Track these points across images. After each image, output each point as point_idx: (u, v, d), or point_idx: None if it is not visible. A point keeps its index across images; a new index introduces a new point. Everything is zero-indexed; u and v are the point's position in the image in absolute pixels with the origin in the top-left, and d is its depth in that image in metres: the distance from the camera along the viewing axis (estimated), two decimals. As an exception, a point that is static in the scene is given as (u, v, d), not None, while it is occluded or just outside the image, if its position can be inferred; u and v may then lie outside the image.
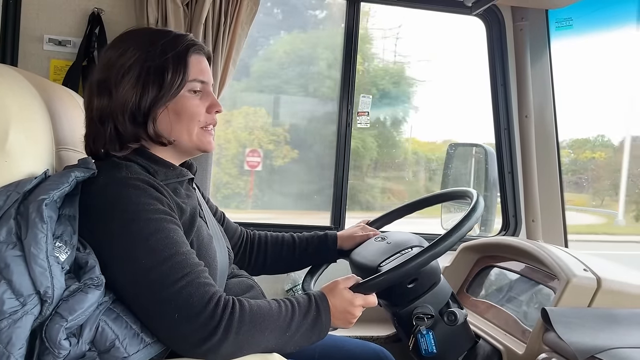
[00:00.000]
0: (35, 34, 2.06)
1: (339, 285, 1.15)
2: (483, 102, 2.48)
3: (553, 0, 2.21)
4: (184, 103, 1.14)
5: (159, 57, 1.11)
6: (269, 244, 1.56)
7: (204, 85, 1.18)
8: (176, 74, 1.12)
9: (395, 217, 1.68)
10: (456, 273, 1.98)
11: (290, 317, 1.05)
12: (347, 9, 2.36)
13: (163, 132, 1.14)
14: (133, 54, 1.11)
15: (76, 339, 0.91)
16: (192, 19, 2.02)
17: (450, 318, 1.35)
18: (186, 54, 1.14)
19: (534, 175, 2.40)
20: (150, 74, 1.10)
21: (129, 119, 1.11)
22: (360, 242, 1.53)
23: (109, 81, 1.11)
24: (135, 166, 1.10)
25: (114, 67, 1.11)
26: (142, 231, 0.99)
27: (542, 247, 1.66)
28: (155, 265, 0.97)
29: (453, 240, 1.22)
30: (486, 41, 2.47)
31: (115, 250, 0.99)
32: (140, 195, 1.02)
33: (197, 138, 1.18)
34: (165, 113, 1.13)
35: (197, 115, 1.16)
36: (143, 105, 1.10)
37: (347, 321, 1.14)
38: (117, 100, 1.10)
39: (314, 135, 2.73)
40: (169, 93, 1.11)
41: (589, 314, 1.37)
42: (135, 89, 1.10)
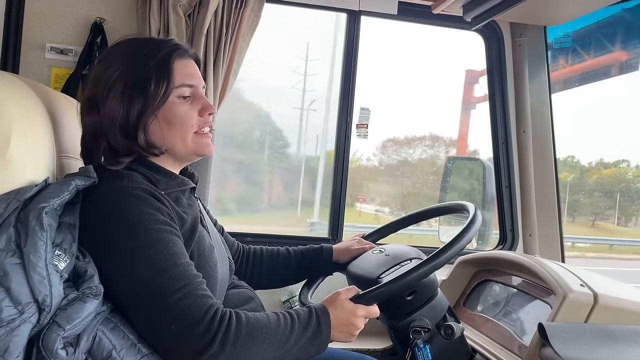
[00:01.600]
0: (37, 42, 2.07)
1: (340, 296, 1.15)
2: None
3: (551, 17, 2.23)
4: (173, 110, 1.13)
5: (141, 67, 1.11)
6: (264, 258, 1.55)
7: (194, 89, 1.17)
8: (160, 82, 1.11)
9: (391, 230, 1.68)
10: (453, 286, 1.98)
11: (290, 330, 1.04)
12: (347, 21, 2.38)
13: (156, 142, 1.14)
14: (117, 68, 1.11)
15: (73, 348, 0.90)
16: (194, 29, 2.03)
17: (447, 332, 1.35)
18: (169, 61, 1.13)
19: (531, 190, 2.41)
20: (133, 86, 1.10)
21: (120, 133, 1.11)
22: (357, 255, 1.53)
23: (96, 98, 1.11)
24: (137, 175, 1.10)
25: (100, 83, 1.11)
26: (141, 241, 0.99)
27: (539, 262, 1.66)
28: (154, 276, 0.97)
29: (454, 252, 1.23)
30: (485, 56, 2.49)
31: (114, 259, 0.99)
32: (141, 205, 1.02)
33: (193, 143, 1.17)
34: (156, 122, 1.13)
35: (189, 120, 1.15)
36: (131, 118, 1.10)
37: (349, 333, 1.13)
38: (105, 116, 1.10)
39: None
40: (154, 103, 1.11)
41: (586, 330, 1.37)
42: (121, 103, 1.09)
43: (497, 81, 2.47)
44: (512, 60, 2.44)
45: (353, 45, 2.37)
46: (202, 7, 2.02)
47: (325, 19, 2.48)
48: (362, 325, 1.15)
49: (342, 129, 2.38)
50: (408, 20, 2.45)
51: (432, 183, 6.20)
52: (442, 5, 2.18)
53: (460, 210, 1.50)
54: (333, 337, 1.11)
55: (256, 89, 2.78)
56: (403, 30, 2.66)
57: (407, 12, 2.34)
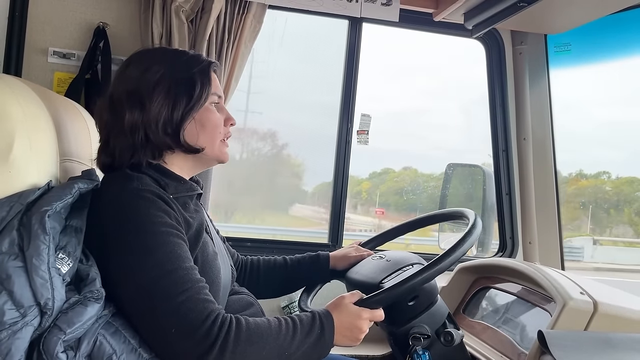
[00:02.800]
0: (40, 46, 2.08)
1: (344, 300, 1.16)
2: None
3: (552, 25, 2.25)
4: (208, 115, 1.20)
5: (186, 71, 1.18)
6: (261, 268, 1.56)
7: (220, 99, 1.25)
8: (203, 87, 1.18)
9: (389, 237, 1.68)
10: (453, 293, 1.98)
11: (292, 336, 1.05)
12: (349, 28, 2.39)
13: (190, 142, 1.18)
14: (159, 69, 1.16)
15: (73, 352, 0.90)
16: (196, 35, 2.04)
17: (446, 338, 1.35)
18: (209, 69, 1.22)
19: (531, 197, 2.41)
20: (180, 87, 1.16)
21: (162, 130, 1.15)
22: (354, 262, 1.53)
23: (139, 95, 1.14)
24: (146, 178, 1.11)
25: (141, 81, 1.15)
26: (147, 243, 1.00)
27: (539, 269, 1.66)
28: (158, 278, 0.98)
29: (458, 255, 1.24)
30: (486, 64, 2.50)
31: (119, 260, 1.01)
32: (149, 207, 1.04)
33: (218, 149, 1.23)
34: (192, 124, 1.18)
35: (220, 126, 1.23)
36: (175, 116, 1.15)
37: (354, 337, 1.13)
38: (150, 112, 1.14)
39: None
40: (197, 105, 1.17)
41: (585, 338, 1.37)
42: (167, 101, 1.14)
43: (498, 88, 2.48)
44: (513, 67, 2.45)
45: (354, 52, 2.38)
46: (205, 12, 2.03)
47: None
48: (367, 328, 1.15)
49: (342, 135, 2.39)
50: (409, 28, 2.46)
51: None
52: (444, 13, 2.19)
53: (460, 217, 1.50)
54: (337, 341, 1.11)
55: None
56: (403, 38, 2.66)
57: (408, 20, 2.34)
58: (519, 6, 1.89)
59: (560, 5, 1.96)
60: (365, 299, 1.17)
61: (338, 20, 2.39)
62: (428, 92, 3.39)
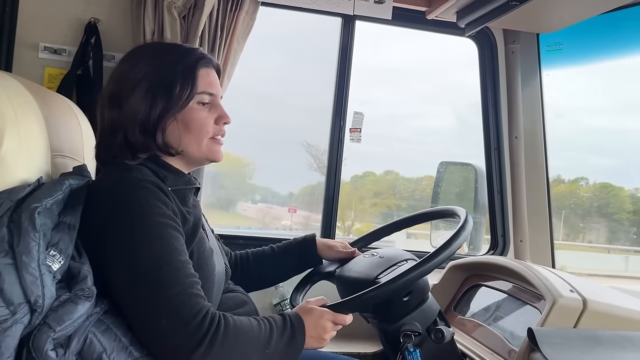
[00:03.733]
0: (30, 41, 2.06)
1: (309, 304, 1.18)
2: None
3: (544, 24, 2.26)
4: (192, 115, 1.17)
5: (169, 70, 1.15)
6: (250, 260, 1.57)
7: (213, 97, 1.21)
8: (184, 86, 1.15)
9: (380, 236, 1.68)
10: (444, 291, 1.99)
11: (269, 335, 1.07)
12: (342, 26, 2.39)
13: (172, 143, 1.17)
14: (143, 67, 1.14)
15: (63, 350, 0.90)
16: (189, 31, 2.03)
17: (437, 336, 1.35)
18: (195, 67, 1.18)
19: (522, 196, 2.43)
20: (159, 86, 1.14)
21: (139, 130, 1.13)
22: (341, 257, 1.53)
23: (120, 93, 1.14)
24: (145, 169, 1.12)
25: (125, 79, 1.14)
26: (145, 232, 1.01)
27: (530, 267, 1.67)
28: (152, 269, 0.99)
29: (449, 252, 1.26)
30: (478, 62, 2.51)
31: (115, 248, 1.01)
32: (149, 197, 1.04)
33: (207, 148, 1.21)
34: (174, 124, 1.16)
35: (206, 126, 1.19)
36: (152, 116, 1.13)
37: (319, 337, 1.14)
38: (127, 112, 1.13)
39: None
40: (177, 105, 1.15)
41: (575, 335, 1.38)
42: (145, 101, 1.13)
43: (490, 87, 2.48)
44: (505, 66, 2.46)
45: (347, 50, 2.38)
46: (197, 9, 2.02)
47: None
48: (330, 328, 1.16)
49: (335, 132, 2.39)
50: (402, 26, 2.46)
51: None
52: (436, 11, 2.19)
53: (451, 215, 1.51)
54: (306, 343, 1.13)
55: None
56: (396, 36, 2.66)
57: (401, 17, 2.35)
58: (511, 5, 1.90)
59: (553, 4, 1.97)
60: (335, 304, 1.19)
61: (331, 18, 2.38)
62: (421, 95, 3.39)
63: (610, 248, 10.42)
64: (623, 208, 9.66)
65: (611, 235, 9.99)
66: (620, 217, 10.27)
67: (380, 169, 4.58)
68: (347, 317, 1.19)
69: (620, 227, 9.83)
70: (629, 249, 11.01)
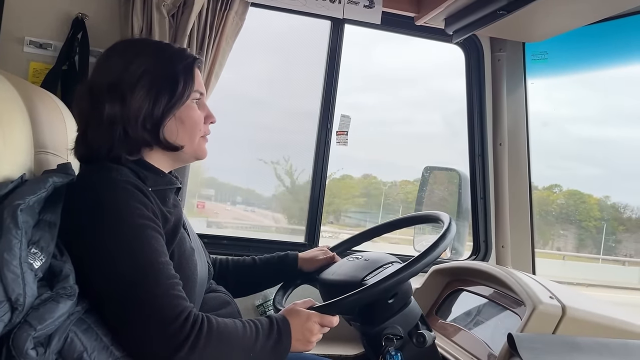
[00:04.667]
0: (16, 35, 2.03)
1: (296, 306, 1.18)
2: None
3: (530, 34, 2.29)
4: (189, 112, 1.19)
5: (170, 67, 1.16)
6: (230, 268, 1.56)
7: (202, 96, 1.24)
8: (187, 83, 1.17)
9: (361, 240, 1.68)
10: (426, 295, 2.00)
11: (255, 338, 1.06)
12: (331, 29, 2.40)
13: (169, 139, 1.17)
14: (142, 63, 1.14)
15: (43, 348, 0.89)
16: (177, 30, 2.02)
17: (419, 340, 1.36)
18: (193, 66, 1.20)
19: (505, 202, 2.45)
20: (163, 82, 1.14)
21: (141, 125, 1.13)
22: (322, 265, 1.54)
23: (120, 87, 1.12)
24: (125, 170, 1.11)
25: (124, 75, 1.13)
26: (124, 234, 1.00)
27: (511, 273, 1.69)
28: (132, 271, 0.98)
29: (434, 256, 1.27)
30: (465, 69, 2.53)
31: (95, 250, 1.00)
32: (128, 198, 1.03)
33: (197, 145, 1.22)
34: (172, 121, 1.16)
35: (199, 124, 1.21)
36: (156, 112, 1.13)
37: (306, 340, 1.14)
38: (130, 107, 1.12)
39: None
40: (179, 102, 1.16)
41: (553, 341, 1.40)
42: (148, 97, 1.13)
43: (476, 94, 2.51)
44: (491, 74, 2.49)
45: (336, 53, 2.39)
46: (187, 7, 2.01)
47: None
48: (317, 331, 1.16)
49: (322, 135, 2.39)
50: (391, 31, 2.48)
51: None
52: (425, 17, 2.21)
53: (435, 220, 1.52)
54: (292, 346, 1.12)
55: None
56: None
57: (390, 22, 2.36)
58: (498, 14, 1.93)
59: (539, 15, 2.00)
60: (321, 306, 1.19)
61: (320, 21, 2.39)
62: (409, 102, 3.42)
63: (582, 256, 10.60)
64: (590, 215, 9.87)
65: (578, 243, 10.19)
66: (588, 224, 10.50)
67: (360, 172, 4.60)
68: (334, 319, 1.19)
69: (588, 234, 10.03)
70: (596, 257, 11.21)
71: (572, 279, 8.05)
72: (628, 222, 11.20)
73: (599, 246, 11.16)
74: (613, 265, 11.38)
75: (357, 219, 6.68)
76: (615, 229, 11.39)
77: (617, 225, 11.39)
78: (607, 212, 10.90)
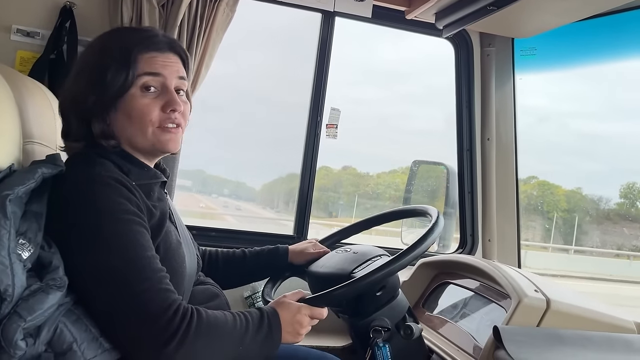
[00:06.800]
0: (2, 23, 2.00)
1: (286, 298, 1.18)
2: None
3: (519, 29, 2.31)
4: (132, 103, 1.11)
5: (104, 55, 1.11)
6: (219, 260, 1.56)
7: (162, 81, 1.13)
8: (119, 72, 1.08)
9: (349, 233, 1.70)
10: (413, 288, 2.02)
11: (245, 331, 1.06)
12: (322, 21, 2.39)
13: (117, 133, 1.13)
14: (87, 54, 1.14)
15: (33, 339, 0.88)
16: (167, 20, 2.01)
17: (406, 332, 1.38)
18: (131, 50, 1.10)
19: (492, 197, 2.48)
20: (93, 73, 1.10)
21: (75, 117, 1.12)
22: (312, 258, 1.54)
23: (69, 79, 1.13)
24: (109, 164, 1.09)
25: (75, 66, 1.14)
26: (109, 230, 0.99)
27: (497, 267, 1.71)
28: (118, 266, 0.97)
29: (422, 249, 1.28)
30: (454, 64, 2.54)
31: (81, 246, 0.99)
32: (111, 193, 1.02)
33: (154, 138, 1.13)
34: (116, 114, 1.12)
35: (147, 115, 1.11)
36: (88, 104, 1.10)
37: (295, 332, 1.14)
38: (66, 98, 1.13)
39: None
40: (111, 92, 1.09)
41: (538, 334, 1.43)
42: (79, 88, 1.11)
43: (465, 89, 2.52)
44: (480, 69, 2.50)
45: (326, 46, 2.38)
46: (177, -2, 1.99)
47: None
48: (307, 323, 1.16)
49: (311, 128, 2.39)
50: (381, 24, 2.48)
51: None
52: (416, 11, 2.22)
53: (423, 214, 1.53)
54: (282, 338, 1.12)
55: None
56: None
57: (381, 16, 2.36)
58: (488, 9, 1.94)
59: (529, 11, 2.02)
60: (311, 298, 1.20)
61: (311, 13, 2.38)
62: (404, 96, 3.42)
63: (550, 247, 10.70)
64: (558, 207, 9.98)
65: (545, 234, 10.32)
66: (554, 215, 10.59)
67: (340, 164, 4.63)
68: (324, 311, 1.19)
69: (554, 225, 10.12)
70: (567, 248, 11.33)
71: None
72: (595, 214, 11.40)
73: (565, 238, 11.35)
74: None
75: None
76: (581, 220, 11.58)
77: (584, 216, 11.57)
78: (576, 203, 11.05)
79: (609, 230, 12.01)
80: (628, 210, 11.87)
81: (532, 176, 9.40)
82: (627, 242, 11.85)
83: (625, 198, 12.10)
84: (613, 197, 12.09)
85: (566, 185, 9.68)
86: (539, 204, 9.96)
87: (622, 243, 11.89)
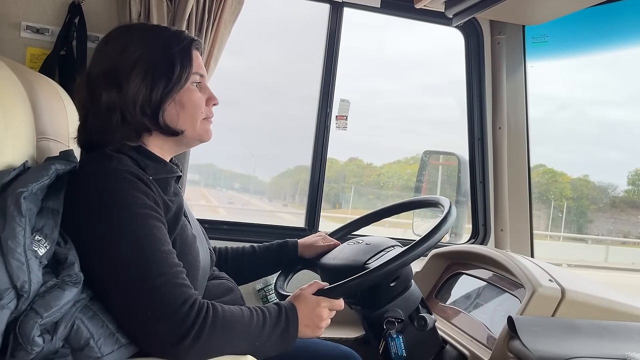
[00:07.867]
0: (12, 20, 2.00)
1: (303, 291, 1.18)
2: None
3: (530, 17, 2.27)
4: (189, 95, 1.18)
5: (166, 51, 1.15)
6: (229, 258, 1.56)
7: (203, 78, 1.22)
8: (184, 67, 1.16)
9: (358, 226, 1.69)
10: (426, 279, 2.02)
11: (262, 326, 1.06)
12: (330, 12, 2.38)
13: (170, 123, 1.16)
14: (137, 49, 1.13)
15: (50, 335, 0.89)
16: (175, 14, 2.00)
17: (420, 323, 1.38)
18: (190, 48, 1.19)
19: (504, 186, 2.46)
20: (158, 67, 1.13)
21: (140, 111, 1.13)
22: (322, 251, 1.54)
23: (116, 75, 1.12)
24: (126, 159, 1.10)
25: (119, 61, 1.13)
26: (126, 224, 1.00)
27: (510, 257, 1.70)
28: (135, 261, 0.98)
29: (434, 240, 1.29)
30: (464, 53, 2.52)
31: (98, 241, 1.00)
32: (129, 188, 1.03)
33: (201, 128, 1.21)
34: (172, 105, 1.16)
35: (200, 106, 1.20)
36: (154, 97, 1.13)
37: (315, 326, 1.14)
38: (127, 94, 1.11)
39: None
40: (177, 85, 1.15)
41: (553, 324, 1.42)
42: (144, 83, 1.12)
43: (475, 78, 2.50)
44: (491, 57, 2.48)
45: (335, 37, 2.37)
46: (185, -9, 1.99)
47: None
48: (327, 316, 1.17)
49: (321, 120, 2.39)
50: (390, 14, 2.45)
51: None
52: (425, 0, 2.19)
53: (435, 205, 1.53)
54: (301, 332, 1.13)
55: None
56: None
57: (389, 6, 2.35)
58: (499, -3, 1.91)
59: (539, -2, 1.99)
60: (328, 289, 1.20)
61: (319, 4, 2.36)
62: (418, 86, 3.40)
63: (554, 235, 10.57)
64: (563, 195, 9.87)
65: (550, 222, 10.18)
66: (560, 203, 10.50)
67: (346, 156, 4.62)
68: (342, 302, 1.20)
69: (558, 214, 10.01)
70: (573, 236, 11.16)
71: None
72: (601, 202, 11.24)
73: (568, 225, 11.22)
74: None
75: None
76: (587, 208, 11.45)
77: (589, 204, 11.44)
78: (581, 191, 10.92)
79: (616, 218, 11.90)
80: (638, 197, 11.74)
81: (540, 164, 9.31)
82: (634, 229, 11.74)
83: (633, 185, 11.98)
84: (621, 184, 11.93)
85: (573, 173, 9.58)
86: (543, 192, 9.86)
87: (629, 231, 11.80)
